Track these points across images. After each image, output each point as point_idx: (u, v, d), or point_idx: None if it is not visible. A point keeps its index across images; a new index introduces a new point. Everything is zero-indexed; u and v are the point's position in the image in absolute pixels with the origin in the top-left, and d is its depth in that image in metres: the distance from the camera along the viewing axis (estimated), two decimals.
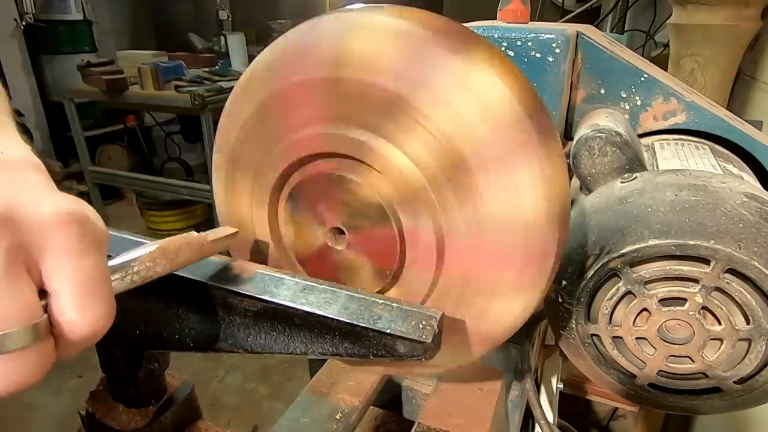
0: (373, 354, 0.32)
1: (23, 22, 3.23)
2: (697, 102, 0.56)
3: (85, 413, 0.40)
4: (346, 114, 0.36)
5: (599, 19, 1.97)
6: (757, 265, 0.36)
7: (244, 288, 0.34)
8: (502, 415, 0.54)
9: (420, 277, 0.39)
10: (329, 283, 0.35)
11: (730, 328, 0.39)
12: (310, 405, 0.54)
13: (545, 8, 2.27)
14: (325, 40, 0.36)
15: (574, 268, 0.43)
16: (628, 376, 0.44)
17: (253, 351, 0.35)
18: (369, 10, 0.36)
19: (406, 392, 0.60)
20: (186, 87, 2.73)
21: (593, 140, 0.48)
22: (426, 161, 0.35)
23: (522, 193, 0.34)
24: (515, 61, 0.55)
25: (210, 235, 0.35)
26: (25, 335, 0.21)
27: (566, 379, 0.97)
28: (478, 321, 0.39)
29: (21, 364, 0.21)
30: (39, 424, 1.84)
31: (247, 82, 0.40)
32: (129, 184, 3.06)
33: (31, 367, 0.21)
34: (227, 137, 0.42)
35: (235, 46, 3.25)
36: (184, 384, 0.42)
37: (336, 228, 0.40)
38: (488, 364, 0.57)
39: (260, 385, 2.07)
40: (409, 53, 0.33)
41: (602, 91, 0.59)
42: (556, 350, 0.85)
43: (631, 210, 0.41)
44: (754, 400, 0.42)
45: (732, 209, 0.38)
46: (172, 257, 0.31)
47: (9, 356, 0.20)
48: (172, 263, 0.31)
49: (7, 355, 0.20)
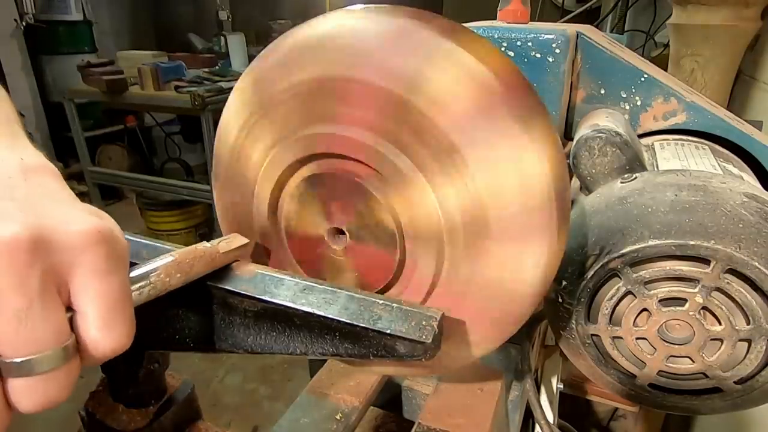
0: (373, 354, 0.32)
1: (23, 23, 3.23)
2: (697, 102, 0.56)
3: (85, 413, 0.39)
4: (399, 137, 0.35)
5: (599, 20, 1.97)
6: (757, 266, 0.36)
7: (244, 288, 0.34)
8: (502, 416, 0.54)
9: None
10: (329, 284, 0.35)
11: (730, 329, 0.39)
12: (310, 405, 0.54)
13: (545, 8, 2.27)
14: (408, 56, 0.34)
15: (574, 268, 0.43)
16: (628, 376, 0.44)
17: (253, 351, 0.35)
18: (451, 35, 0.34)
19: (406, 392, 0.60)
20: (186, 87, 2.73)
21: (593, 140, 0.48)
22: (452, 212, 0.35)
23: (526, 268, 0.35)
24: (515, 61, 0.55)
25: (221, 246, 0.36)
26: (56, 357, 0.21)
27: (566, 380, 0.97)
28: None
29: (51, 384, 0.22)
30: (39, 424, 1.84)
31: (316, 45, 0.37)
32: (129, 184, 3.06)
33: (60, 388, 0.22)
34: (269, 81, 0.39)
35: (235, 47, 3.25)
36: (184, 384, 0.42)
37: (338, 228, 0.40)
38: (488, 364, 0.57)
39: (260, 385, 2.07)
40: (481, 108, 0.33)
41: (602, 91, 0.59)
42: (556, 350, 0.85)
43: (631, 210, 0.41)
44: (754, 401, 0.42)
45: (732, 209, 0.38)
46: (187, 270, 0.32)
47: (41, 377, 0.21)
48: (187, 276, 0.32)
49: (39, 376, 0.21)
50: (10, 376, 0.21)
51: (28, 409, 0.22)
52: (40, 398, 0.21)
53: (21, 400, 0.21)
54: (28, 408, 0.22)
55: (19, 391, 0.21)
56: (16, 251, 0.21)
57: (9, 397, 0.21)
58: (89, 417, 0.39)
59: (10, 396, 0.21)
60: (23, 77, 3.36)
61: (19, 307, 0.20)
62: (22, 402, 0.21)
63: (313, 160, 0.39)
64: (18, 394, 0.21)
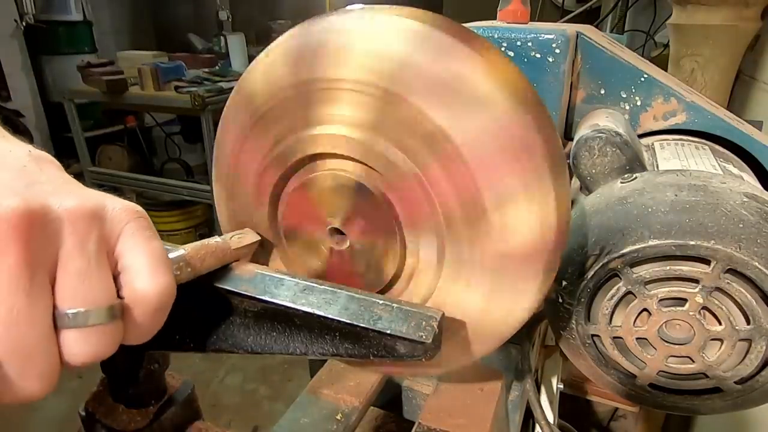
0: (373, 354, 0.32)
1: (23, 23, 3.24)
2: (697, 102, 0.56)
3: (85, 413, 0.39)
4: (386, 129, 0.35)
5: (599, 20, 1.97)
6: (757, 265, 0.36)
7: (244, 288, 0.34)
8: (503, 416, 0.54)
9: (406, 297, 0.40)
10: (329, 284, 0.35)
11: (730, 329, 0.39)
12: (310, 405, 0.54)
13: (545, 8, 2.27)
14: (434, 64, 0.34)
15: (574, 269, 0.43)
16: (629, 376, 0.44)
17: (253, 351, 0.35)
18: (469, 42, 0.34)
19: (406, 392, 0.60)
20: (186, 87, 2.73)
21: (593, 140, 0.48)
22: (446, 192, 0.35)
23: (527, 224, 0.35)
24: (515, 61, 0.55)
25: (233, 242, 0.35)
26: (105, 313, 0.24)
27: (566, 380, 0.97)
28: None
29: (99, 338, 0.24)
30: (39, 424, 1.84)
31: (299, 53, 0.37)
32: (129, 184, 3.06)
33: (106, 343, 0.25)
34: (256, 92, 0.39)
35: (235, 47, 3.25)
36: (184, 384, 0.42)
37: (337, 228, 0.40)
38: (488, 364, 0.57)
39: (260, 385, 2.07)
40: (486, 121, 0.33)
41: (602, 91, 0.59)
42: (556, 350, 0.85)
43: (631, 210, 0.41)
44: (754, 401, 0.42)
45: (732, 209, 0.38)
46: (197, 265, 0.32)
47: (91, 330, 0.24)
48: (196, 270, 0.32)
49: (90, 329, 0.24)
50: (65, 327, 0.24)
51: (77, 360, 0.24)
52: (89, 350, 0.24)
53: (72, 351, 0.24)
54: (77, 359, 0.24)
55: (72, 341, 0.24)
56: (80, 219, 0.24)
57: (62, 349, 0.24)
58: (89, 417, 0.39)
59: (62, 346, 0.24)
60: (23, 77, 3.36)
61: (80, 266, 0.24)
62: (73, 352, 0.24)
63: (307, 162, 0.40)
64: (70, 345, 0.24)
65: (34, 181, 0.25)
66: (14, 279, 0.22)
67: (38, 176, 0.26)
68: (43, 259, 0.23)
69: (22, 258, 0.22)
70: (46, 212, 0.23)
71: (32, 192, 0.24)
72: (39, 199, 0.24)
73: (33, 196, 0.24)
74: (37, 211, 0.23)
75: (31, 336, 0.23)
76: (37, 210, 0.23)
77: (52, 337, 0.23)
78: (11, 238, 0.22)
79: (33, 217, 0.23)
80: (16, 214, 0.22)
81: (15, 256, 0.22)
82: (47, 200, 0.24)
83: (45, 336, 0.23)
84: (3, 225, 0.22)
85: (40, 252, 0.23)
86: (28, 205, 0.23)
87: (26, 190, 0.24)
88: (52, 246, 0.24)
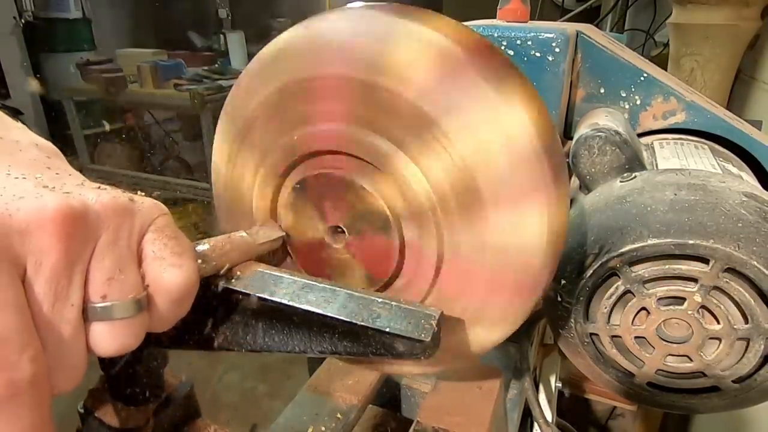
0: (372, 353, 0.32)
1: (22, 20, 3.23)
2: (696, 102, 0.56)
3: (83, 411, 0.40)
4: (372, 120, 0.35)
5: (599, 19, 1.97)
6: (756, 265, 0.36)
7: (243, 286, 0.34)
8: (501, 414, 0.54)
9: (410, 291, 0.40)
10: (328, 282, 0.34)
11: (728, 327, 0.39)
12: (309, 403, 0.54)
13: (545, 7, 2.27)
14: (363, 40, 0.34)
15: (573, 267, 0.43)
16: (627, 375, 0.44)
17: (252, 349, 0.34)
18: (408, 15, 0.34)
19: (405, 391, 0.60)
20: (185, 85, 2.73)
21: (593, 139, 0.48)
22: (442, 184, 0.35)
23: (526, 230, 0.34)
24: (515, 60, 0.55)
25: (259, 237, 0.35)
26: (132, 307, 0.25)
27: (565, 378, 0.98)
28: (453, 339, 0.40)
29: (126, 331, 0.25)
30: None
31: (272, 60, 0.38)
32: (128, 182, 3.06)
33: (132, 335, 0.25)
34: (240, 109, 0.40)
35: (235, 45, 3.25)
36: (183, 382, 0.42)
37: (336, 226, 0.40)
38: (487, 362, 0.57)
39: (259, 383, 2.07)
40: (445, 74, 0.33)
41: (602, 90, 0.59)
42: (554, 349, 0.85)
43: (631, 209, 0.41)
44: (751, 400, 0.42)
45: (731, 209, 0.38)
46: (221, 259, 0.32)
47: (118, 323, 0.24)
48: (220, 264, 0.32)
49: (117, 321, 0.24)
50: (94, 319, 0.24)
51: (104, 352, 0.25)
52: (116, 342, 0.25)
53: (99, 343, 0.24)
54: (104, 350, 0.25)
55: (99, 334, 0.24)
56: (115, 215, 0.25)
57: (89, 340, 0.24)
58: (88, 414, 0.39)
59: (90, 339, 0.24)
60: (22, 75, 3.35)
61: (113, 260, 0.24)
62: (100, 344, 0.24)
63: (297, 165, 0.40)
64: (97, 337, 0.24)
65: (58, 176, 0.25)
66: (54, 278, 0.22)
67: (59, 171, 0.26)
68: (82, 256, 0.23)
69: (63, 256, 0.22)
70: (86, 210, 0.24)
71: (67, 189, 0.24)
72: (78, 197, 0.24)
73: (71, 194, 0.24)
74: (79, 209, 0.23)
75: (65, 331, 0.23)
76: (78, 208, 0.23)
77: (82, 330, 0.24)
78: (55, 237, 0.22)
79: (76, 215, 0.23)
80: (60, 213, 0.22)
81: (57, 255, 0.22)
82: (86, 197, 0.24)
83: (76, 329, 0.24)
84: (48, 225, 0.22)
85: (79, 249, 0.23)
86: (69, 204, 0.23)
87: (60, 187, 0.24)
88: (91, 242, 0.24)
